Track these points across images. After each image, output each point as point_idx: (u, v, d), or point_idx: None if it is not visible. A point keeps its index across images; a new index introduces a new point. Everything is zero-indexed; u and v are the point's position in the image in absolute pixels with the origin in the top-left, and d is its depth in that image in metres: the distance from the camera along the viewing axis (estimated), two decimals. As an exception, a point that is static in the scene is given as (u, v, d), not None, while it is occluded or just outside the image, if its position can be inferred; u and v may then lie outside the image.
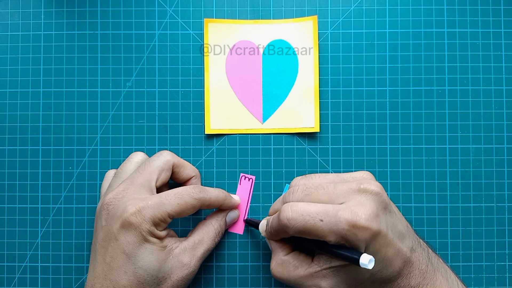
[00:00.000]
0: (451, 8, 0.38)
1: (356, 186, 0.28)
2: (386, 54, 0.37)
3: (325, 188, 0.29)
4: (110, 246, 0.30)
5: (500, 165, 0.37)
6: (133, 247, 0.29)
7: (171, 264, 0.30)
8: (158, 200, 0.30)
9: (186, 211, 0.31)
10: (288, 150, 0.37)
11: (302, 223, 0.27)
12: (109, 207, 0.31)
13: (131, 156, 0.34)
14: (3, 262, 0.37)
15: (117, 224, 0.29)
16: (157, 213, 0.30)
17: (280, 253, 0.32)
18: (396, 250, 0.28)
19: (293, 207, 0.28)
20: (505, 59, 0.37)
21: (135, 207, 0.29)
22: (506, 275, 0.37)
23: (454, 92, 0.37)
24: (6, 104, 0.38)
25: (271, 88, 0.37)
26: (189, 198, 0.31)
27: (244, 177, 0.37)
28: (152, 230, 0.30)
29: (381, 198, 0.28)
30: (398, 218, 0.29)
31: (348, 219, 0.26)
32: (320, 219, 0.27)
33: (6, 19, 0.38)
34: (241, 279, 0.37)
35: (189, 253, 0.31)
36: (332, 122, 0.37)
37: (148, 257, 0.29)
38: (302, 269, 0.30)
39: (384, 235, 0.27)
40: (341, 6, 0.38)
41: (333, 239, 0.27)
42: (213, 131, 0.37)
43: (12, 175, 0.37)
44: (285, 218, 0.28)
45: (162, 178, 0.33)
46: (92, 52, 0.38)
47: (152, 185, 0.32)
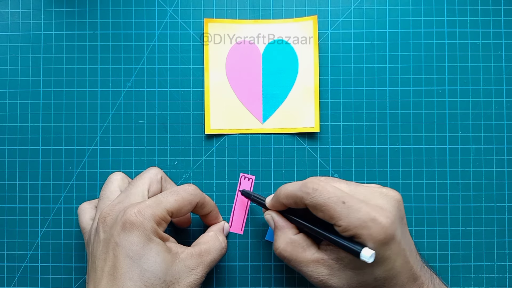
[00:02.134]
0: (451, 8, 0.38)
1: (378, 189, 0.29)
2: (386, 54, 0.37)
3: (347, 184, 0.29)
4: (111, 254, 0.28)
5: (500, 165, 0.37)
6: (138, 248, 0.28)
7: (178, 268, 0.29)
8: (156, 199, 0.30)
9: (184, 207, 0.30)
10: (288, 150, 0.37)
11: (324, 198, 0.27)
12: (106, 218, 0.30)
13: (110, 177, 0.34)
14: (3, 262, 0.37)
15: (118, 228, 0.28)
16: (157, 210, 0.29)
17: (288, 231, 0.31)
18: (405, 262, 0.27)
19: (321, 181, 0.28)
20: (505, 59, 0.37)
21: (135, 208, 0.29)
22: (506, 275, 0.37)
23: (454, 92, 0.37)
24: (6, 104, 0.38)
25: (271, 88, 0.37)
26: (185, 193, 0.31)
27: (244, 177, 0.37)
28: (156, 229, 0.29)
29: (401, 206, 0.28)
30: (409, 234, 0.29)
31: (369, 212, 0.26)
32: (343, 202, 0.27)
33: (6, 19, 0.38)
34: (241, 279, 0.37)
35: (196, 259, 0.30)
36: (332, 122, 0.37)
37: (154, 258, 0.28)
38: (310, 253, 0.29)
39: (398, 242, 0.27)
40: (341, 6, 0.38)
41: (344, 224, 0.27)
42: (213, 131, 0.37)
43: (12, 175, 0.37)
44: (312, 187, 0.28)
45: (153, 189, 0.32)
46: (92, 52, 0.38)
47: (145, 195, 0.31)
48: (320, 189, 0.28)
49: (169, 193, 0.30)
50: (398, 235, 0.27)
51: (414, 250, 0.29)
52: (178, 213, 0.30)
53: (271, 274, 0.37)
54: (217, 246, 0.32)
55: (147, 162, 0.37)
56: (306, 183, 0.29)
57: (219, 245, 0.32)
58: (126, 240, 0.28)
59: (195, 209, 0.32)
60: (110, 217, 0.30)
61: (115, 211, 0.30)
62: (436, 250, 0.37)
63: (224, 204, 0.37)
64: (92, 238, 0.30)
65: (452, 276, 0.37)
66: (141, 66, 0.38)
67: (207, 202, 0.33)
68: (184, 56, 0.38)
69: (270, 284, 0.37)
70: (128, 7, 0.38)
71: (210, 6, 0.38)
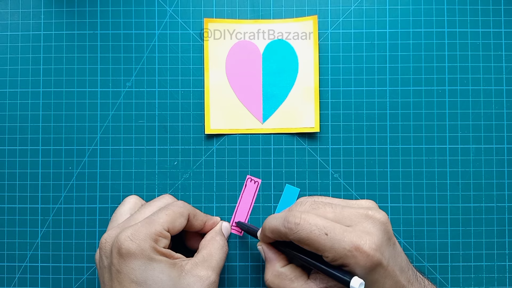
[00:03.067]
0: (451, 8, 0.38)
1: (364, 211, 0.29)
2: (386, 54, 0.37)
3: (333, 207, 0.30)
4: (116, 282, 0.28)
5: (500, 165, 0.37)
6: (140, 271, 0.28)
7: (187, 281, 0.29)
8: (147, 218, 0.30)
9: (177, 220, 0.31)
10: (288, 150, 0.37)
11: (307, 232, 0.28)
12: (105, 245, 0.30)
13: (125, 200, 0.35)
14: (3, 262, 0.37)
15: (115, 255, 0.28)
16: (151, 228, 0.29)
17: (276, 264, 0.31)
18: (395, 282, 0.28)
19: (303, 214, 0.28)
20: (505, 59, 0.37)
21: (128, 232, 0.29)
22: (506, 275, 0.37)
23: (454, 92, 0.37)
24: (6, 104, 0.38)
25: (271, 88, 0.37)
26: (174, 207, 0.31)
27: (250, 179, 0.37)
28: (154, 247, 0.29)
29: (387, 228, 0.29)
30: (399, 251, 0.29)
31: (353, 241, 0.27)
32: (326, 233, 0.27)
33: (6, 19, 0.38)
34: (241, 279, 0.37)
35: (202, 265, 0.30)
36: (332, 122, 0.37)
37: (159, 277, 0.28)
38: (298, 284, 0.30)
39: (384, 266, 0.27)
40: (341, 6, 0.38)
41: (331, 256, 0.27)
42: (213, 131, 0.37)
43: (12, 175, 0.37)
44: (293, 222, 0.28)
45: None
46: (92, 52, 0.38)
47: None
48: (302, 223, 0.28)
49: (159, 211, 0.31)
50: (386, 259, 0.27)
51: (405, 267, 0.29)
52: (173, 227, 0.31)
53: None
54: (217, 246, 0.32)
55: (147, 162, 0.37)
56: (288, 217, 0.29)
57: (219, 244, 0.33)
58: (126, 266, 0.28)
59: (190, 223, 0.33)
60: (108, 244, 0.30)
61: (112, 236, 0.30)
62: (436, 250, 0.37)
63: (224, 204, 0.37)
64: (99, 264, 0.31)
65: (452, 276, 0.37)
66: (141, 66, 0.38)
67: (199, 213, 0.34)
68: (184, 56, 0.38)
69: (270, 284, 0.37)
70: (128, 7, 0.38)
71: (210, 6, 0.38)
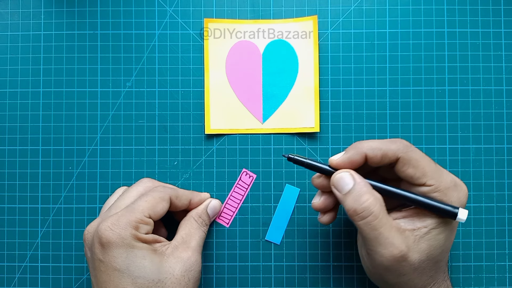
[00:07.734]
0: (451, 8, 0.38)
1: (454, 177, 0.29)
2: (386, 54, 0.37)
3: None
4: (99, 271, 0.29)
5: (500, 165, 0.37)
6: (122, 259, 0.28)
7: (169, 264, 0.30)
8: (127, 207, 0.30)
9: (158, 205, 0.31)
10: (288, 150, 0.37)
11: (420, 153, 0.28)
12: (87, 236, 0.30)
13: (115, 191, 0.35)
14: (3, 262, 0.37)
15: (97, 245, 0.29)
16: (131, 216, 0.29)
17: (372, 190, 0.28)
18: (447, 246, 0.29)
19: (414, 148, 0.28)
20: (505, 59, 0.37)
21: (108, 222, 0.29)
22: (506, 275, 0.37)
23: (454, 92, 0.37)
24: (6, 104, 0.38)
25: (271, 88, 0.37)
26: (154, 193, 0.31)
27: (246, 173, 0.37)
28: (135, 234, 0.29)
29: None
30: None
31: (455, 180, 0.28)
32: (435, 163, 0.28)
33: (6, 19, 0.38)
34: (241, 279, 0.37)
35: (182, 247, 0.31)
36: (332, 122, 0.37)
37: (141, 263, 0.28)
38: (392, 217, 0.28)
39: None
40: (341, 6, 0.38)
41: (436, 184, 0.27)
42: (213, 131, 0.37)
43: (12, 175, 0.37)
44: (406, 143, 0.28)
45: None
46: (92, 52, 0.38)
47: None
48: (414, 148, 0.28)
49: (139, 198, 0.31)
50: None
51: None
52: (154, 212, 0.31)
53: (271, 274, 0.37)
54: (195, 226, 0.33)
55: (147, 162, 0.37)
56: (396, 140, 0.28)
57: (196, 224, 0.33)
58: (107, 255, 0.28)
59: (174, 205, 0.33)
60: (90, 234, 0.30)
61: (94, 227, 0.30)
62: (436, 250, 0.37)
63: (224, 204, 0.37)
64: (85, 255, 0.31)
65: (452, 276, 0.37)
66: (141, 66, 0.38)
67: (181, 193, 0.34)
68: (184, 56, 0.38)
69: (270, 284, 0.37)
70: (128, 7, 0.38)
71: (210, 6, 0.38)
